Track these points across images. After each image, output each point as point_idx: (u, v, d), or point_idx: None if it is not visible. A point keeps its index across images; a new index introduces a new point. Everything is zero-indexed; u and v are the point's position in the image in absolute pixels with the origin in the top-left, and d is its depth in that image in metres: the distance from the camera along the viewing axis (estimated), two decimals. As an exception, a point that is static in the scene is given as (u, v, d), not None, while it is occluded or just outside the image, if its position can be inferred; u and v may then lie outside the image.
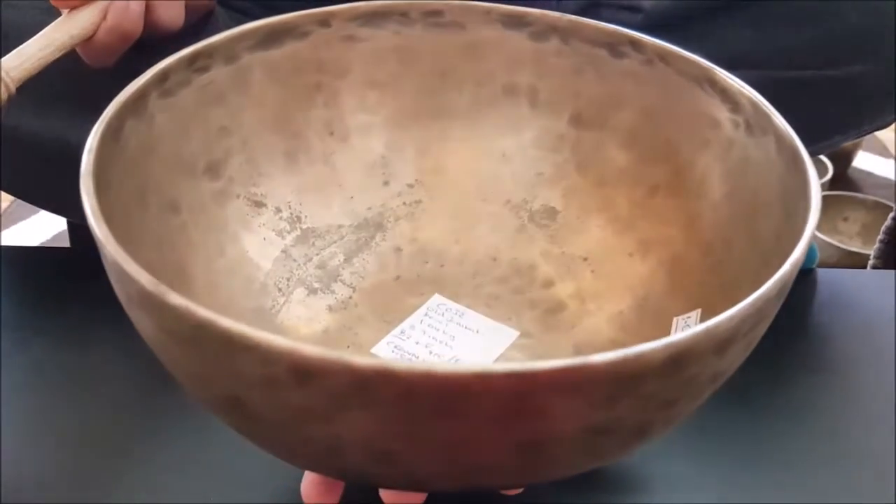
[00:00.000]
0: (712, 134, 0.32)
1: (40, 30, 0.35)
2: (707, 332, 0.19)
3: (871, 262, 0.66)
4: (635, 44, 0.34)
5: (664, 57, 0.33)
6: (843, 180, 1.00)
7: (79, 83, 0.28)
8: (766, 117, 0.28)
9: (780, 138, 0.27)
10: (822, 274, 0.46)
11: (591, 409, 0.18)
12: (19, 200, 0.88)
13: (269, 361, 0.18)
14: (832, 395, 0.38)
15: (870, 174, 1.04)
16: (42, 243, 0.86)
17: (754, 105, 0.29)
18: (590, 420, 0.19)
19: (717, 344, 0.19)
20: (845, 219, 0.88)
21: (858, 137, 0.47)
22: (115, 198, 0.26)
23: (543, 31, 0.36)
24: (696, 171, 0.33)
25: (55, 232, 0.85)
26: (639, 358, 0.18)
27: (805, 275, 0.46)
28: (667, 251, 0.34)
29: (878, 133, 1.06)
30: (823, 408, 0.37)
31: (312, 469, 0.23)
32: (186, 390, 0.22)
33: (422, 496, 0.26)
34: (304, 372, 0.18)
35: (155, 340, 0.21)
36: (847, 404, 0.38)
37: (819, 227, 0.84)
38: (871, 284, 0.46)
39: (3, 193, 0.41)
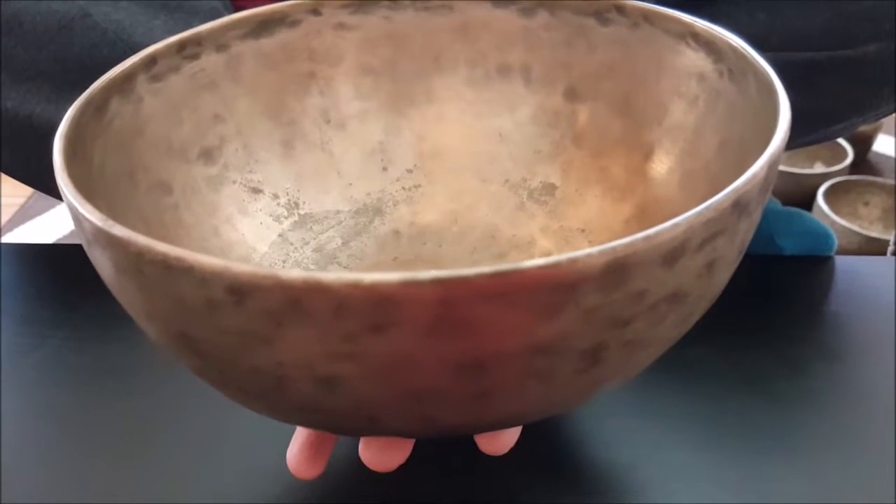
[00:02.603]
0: (700, 88, 0.31)
1: (54, 18, 0.37)
2: (647, 240, 0.18)
3: (890, 249, 0.63)
4: (620, 8, 0.34)
5: (648, 17, 0.33)
6: (863, 165, 0.97)
7: (95, 71, 0.29)
8: (744, 58, 0.27)
9: (757, 75, 0.27)
10: (840, 262, 0.45)
11: (528, 322, 0.18)
12: (36, 196, 0.92)
13: (205, 282, 0.18)
14: (850, 384, 0.37)
15: (890, 158, 1.00)
16: (59, 238, 0.88)
17: (734, 49, 0.28)
18: (531, 336, 0.18)
19: (662, 254, 0.18)
20: (866, 203, 0.85)
21: (877, 119, 0.45)
22: (97, 172, 0.27)
23: (531, 7, 0.36)
24: (689, 128, 0.32)
25: (72, 227, 0.87)
26: (573, 263, 0.17)
27: (823, 262, 0.45)
28: (663, 214, 0.33)
29: (896, 116, 1.02)
30: (841, 397, 0.36)
31: (271, 414, 0.22)
32: (147, 335, 0.22)
33: (401, 456, 0.26)
34: (238, 290, 0.18)
35: (112, 282, 0.21)
36: (865, 394, 0.36)
37: (839, 213, 0.81)
38: (891, 272, 0.44)
39: (20, 190, 0.43)
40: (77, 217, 0.21)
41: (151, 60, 0.31)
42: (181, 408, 0.36)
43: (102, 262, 0.21)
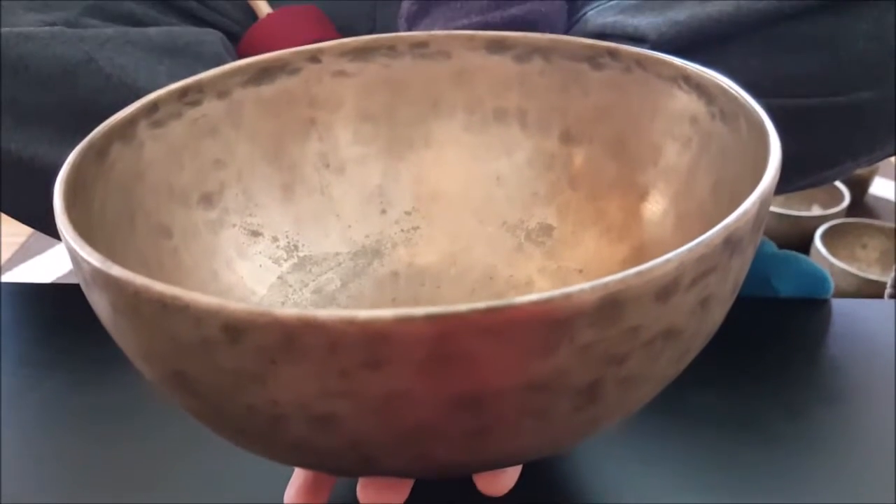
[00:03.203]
0: (693, 130, 0.32)
1: (59, 63, 0.37)
2: (639, 275, 0.18)
3: (887, 292, 0.63)
4: (613, 53, 0.34)
5: (641, 62, 0.33)
6: (860, 207, 0.97)
7: (98, 116, 0.30)
8: (735, 100, 0.28)
9: (748, 117, 0.27)
10: (837, 304, 0.45)
11: (523, 358, 0.18)
12: (36, 235, 0.92)
13: (200, 321, 0.18)
14: (848, 427, 0.37)
15: (887, 201, 1.01)
16: (59, 277, 0.88)
17: (724, 92, 0.29)
18: (527, 373, 0.18)
19: (655, 290, 0.18)
20: (864, 246, 0.85)
21: (871, 164, 0.46)
22: (97, 215, 0.28)
23: (526, 53, 0.37)
24: (682, 169, 0.33)
25: (71, 267, 0.87)
26: (567, 299, 0.17)
27: (819, 305, 0.45)
28: (659, 254, 0.33)
29: (893, 159, 1.04)
30: (839, 440, 0.36)
31: (268, 455, 0.22)
32: (143, 375, 0.22)
33: (399, 497, 0.25)
34: (233, 328, 0.18)
35: (110, 322, 0.21)
36: (863, 437, 0.36)
37: (837, 255, 0.81)
38: (887, 315, 0.44)
39: (20, 229, 0.44)
40: (76, 259, 0.21)
41: (153, 106, 0.32)
42: (179, 449, 0.36)
43: (100, 303, 0.21)
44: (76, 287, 0.27)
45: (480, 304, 0.17)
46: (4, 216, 0.43)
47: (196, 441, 0.35)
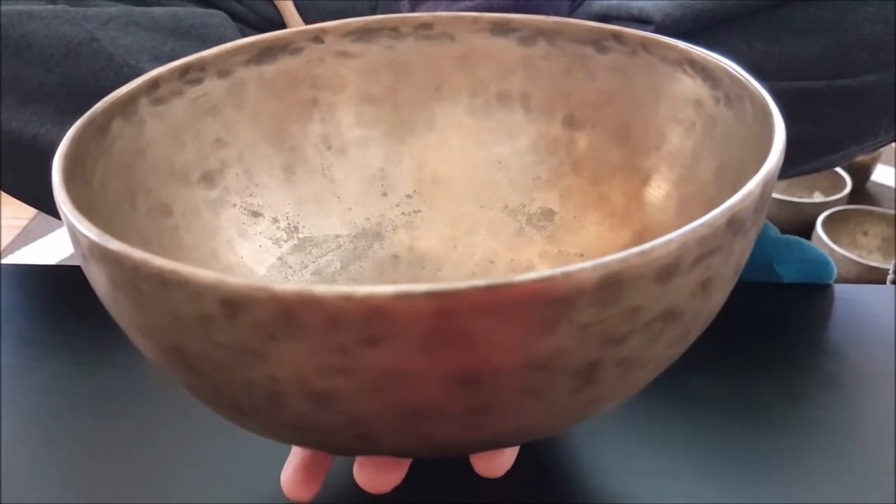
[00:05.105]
0: (697, 114, 0.32)
1: (62, 42, 0.37)
2: (642, 255, 0.18)
3: (889, 277, 0.63)
4: (618, 37, 0.34)
5: (645, 45, 0.33)
6: (861, 194, 0.97)
7: (99, 95, 0.29)
8: (740, 83, 0.28)
9: (753, 100, 0.27)
10: (840, 290, 0.45)
11: (523, 337, 0.18)
12: (39, 219, 0.92)
13: (199, 296, 0.18)
14: (849, 412, 0.37)
15: (889, 188, 1.01)
16: (61, 260, 0.89)
17: (730, 75, 0.29)
18: (526, 352, 0.18)
19: (656, 270, 0.18)
20: (865, 233, 0.85)
21: (875, 149, 0.46)
22: (98, 193, 0.27)
23: (531, 36, 0.37)
24: (686, 153, 0.32)
25: (73, 250, 0.86)
26: (567, 278, 0.17)
27: (822, 290, 0.45)
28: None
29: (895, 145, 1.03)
30: (840, 426, 0.36)
31: (266, 432, 0.22)
32: (142, 350, 0.22)
33: (396, 477, 0.25)
34: (231, 303, 0.18)
35: (107, 298, 0.21)
36: (864, 422, 0.36)
37: (838, 242, 0.81)
38: (889, 301, 0.43)
39: (22, 212, 0.44)
40: (73, 232, 0.21)
41: (154, 84, 0.31)
42: (179, 431, 0.36)
43: (98, 279, 0.21)
44: (77, 269, 0.27)
45: (481, 282, 0.17)
46: (8, 199, 0.43)
47: (196, 423, 0.35)
